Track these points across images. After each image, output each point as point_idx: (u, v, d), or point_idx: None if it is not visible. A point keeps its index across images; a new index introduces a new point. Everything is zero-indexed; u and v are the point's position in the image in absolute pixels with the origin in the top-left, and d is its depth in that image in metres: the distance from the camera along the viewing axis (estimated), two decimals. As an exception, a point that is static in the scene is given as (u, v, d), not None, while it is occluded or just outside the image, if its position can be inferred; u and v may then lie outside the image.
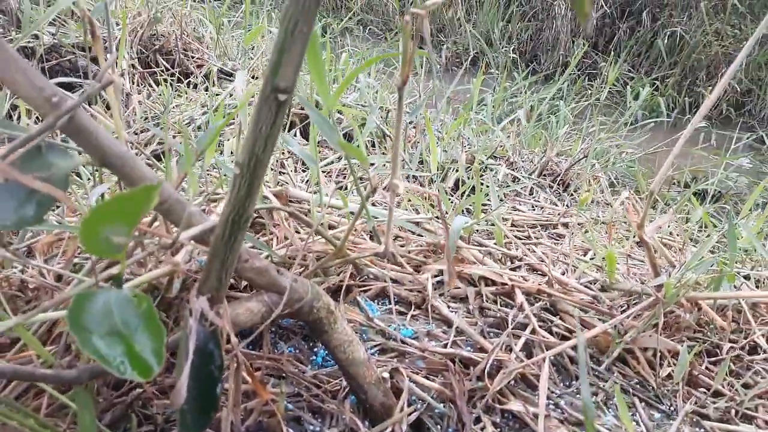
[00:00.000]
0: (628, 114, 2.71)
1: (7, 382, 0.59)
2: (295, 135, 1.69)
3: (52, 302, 0.52)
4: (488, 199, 1.34)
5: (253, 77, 1.99)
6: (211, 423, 0.48)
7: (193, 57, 2.09)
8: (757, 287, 1.14)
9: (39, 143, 0.47)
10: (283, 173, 1.24)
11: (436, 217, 0.99)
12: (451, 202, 1.35)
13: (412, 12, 0.49)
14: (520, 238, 1.17)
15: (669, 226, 1.61)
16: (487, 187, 1.34)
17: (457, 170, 1.62)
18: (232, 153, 1.14)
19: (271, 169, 1.10)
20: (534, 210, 1.64)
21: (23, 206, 0.43)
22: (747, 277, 1.15)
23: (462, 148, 1.80)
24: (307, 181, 1.27)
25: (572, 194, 1.93)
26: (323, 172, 1.45)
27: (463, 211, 1.35)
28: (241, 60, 2.33)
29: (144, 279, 0.56)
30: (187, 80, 2.01)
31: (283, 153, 1.36)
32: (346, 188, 1.37)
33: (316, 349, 0.77)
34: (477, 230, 1.11)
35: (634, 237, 1.36)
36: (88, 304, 0.41)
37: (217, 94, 1.85)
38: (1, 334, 0.59)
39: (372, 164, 0.52)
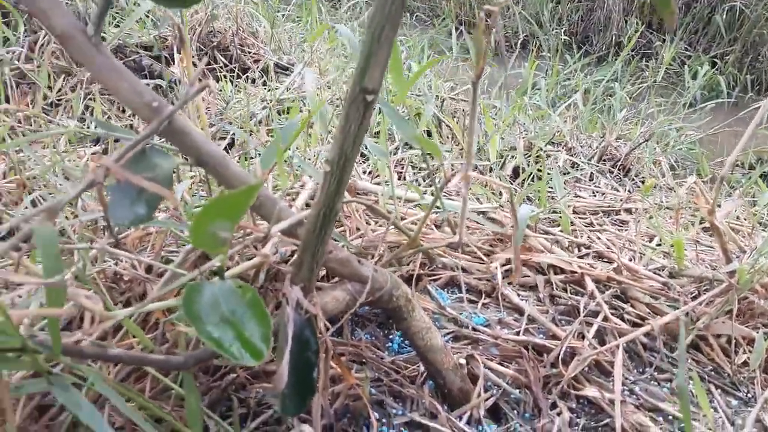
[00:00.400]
0: (687, 95, 2.63)
1: (114, 365, 0.64)
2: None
3: (157, 294, 0.56)
4: (549, 187, 1.34)
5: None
6: (306, 407, 0.51)
7: (249, 52, 2.14)
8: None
9: (143, 146, 0.50)
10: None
11: (500, 206, 1.00)
12: (514, 191, 1.36)
13: (486, 9, 0.51)
14: (585, 226, 1.17)
15: (736, 211, 1.57)
16: (548, 174, 1.34)
17: (514, 157, 1.62)
18: (297, 149, 1.18)
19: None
20: (595, 196, 1.62)
21: (135, 205, 0.47)
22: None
23: (519, 135, 1.79)
24: (369, 172, 1.30)
25: (633, 179, 1.90)
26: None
27: (524, 199, 1.35)
28: (295, 53, 2.37)
29: (238, 270, 0.59)
30: (245, 75, 2.06)
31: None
32: (404, 178, 1.38)
33: (391, 336, 0.79)
34: (541, 218, 1.11)
35: (700, 222, 1.33)
36: (197, 295, 0.44)
37: (275, 89, 1.89)
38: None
39: (445, 157, 0.53)
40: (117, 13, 2.02)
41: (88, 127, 1.65)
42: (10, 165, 1.25)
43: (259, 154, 0.93)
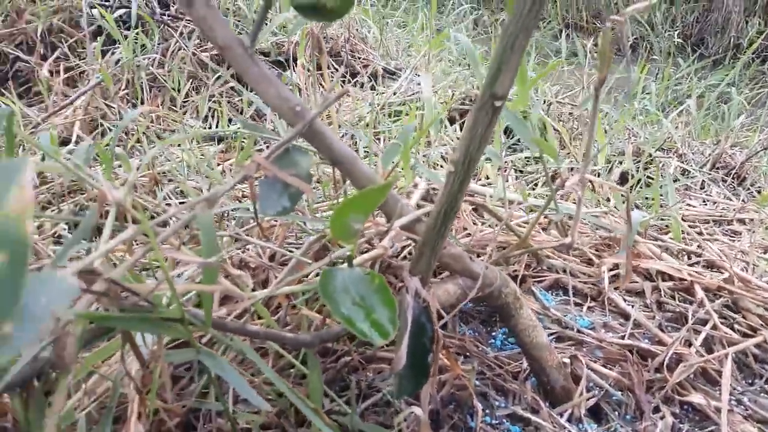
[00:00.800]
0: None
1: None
2: (455, 130, 1.74)
3: (286, 278, 0.62)
4: (659, 194, 1.31)
5: (417, 74, 2.08)
6: (419, 389, 0.55)
7: (359, 57, 2.23)
8: None
9: (287, 146, 0.57)
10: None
11: (609, 212, 1.00)
12: (622, 196, 1.34)
13: (612, 19, 0.53)
14: (697, 234, 1.14)
15: None
16: (659, 180, 1.31)
17: (622, 162, 1.60)
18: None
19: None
20: (706, 205, 1.57)
21: (281, 198, 0.53)
22: None
23: (628, 140, 1.76)
24: (475, 175, 1.33)
25: (749, 189, 1.81)
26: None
27: (633, 205, 1.34)
28: (402, 59, 2.43)
29: (359, 261, 0.65)
30: (354, 80, 2.15)
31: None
32: (507, 181, 1.40)
33: (494, 334, 0.82)
34: (651, 224, 1.10)
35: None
36: (331, 279, 0.49)
37: (382, 93, 1.96)
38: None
39: (561, 159, 0.55)
40: (238, 21, 2.17)
41: (211, 128, 1.79)
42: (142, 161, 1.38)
43: (374, 155, 0.99)
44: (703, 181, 1.76)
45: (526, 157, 1.56)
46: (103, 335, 0.46)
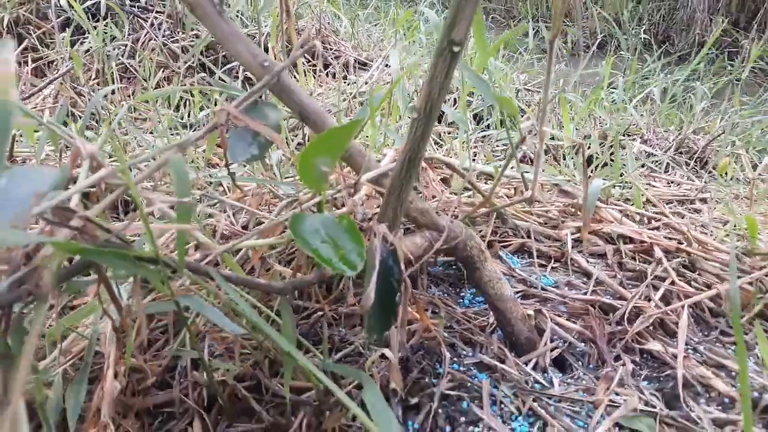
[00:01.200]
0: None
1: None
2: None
3: (257, 231, 0.64)
4: (621, 174, 1.35)
5: (386, 65, 2.11)
6: (388, 329, 0.58)
7: (330, 49, 2.25)
8: None
9: (255, 98, 0.59)
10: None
11: (569, 180, 1.04)
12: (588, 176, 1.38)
13: (563, -26, 0.56)
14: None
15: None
16: (621, 160, 1.35)
17: (589, 147, 1.64)
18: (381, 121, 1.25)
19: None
20: (669, 186, 1.62)
21: (251, 147, 0.55)
22: None
23: (594, 126, 1.81)
24: (446, 153, 1.36)
25: (711, 171, 1.87)
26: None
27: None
28: (373, 50, 2.46)
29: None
30: (326, 71, 2.17)
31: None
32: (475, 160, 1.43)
33: (462, 294, 0.85)
34: (613, 197, 1.13)
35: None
36: (301, 222, 0.52)
37: (354, 82, 1.98)
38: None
39: (522, 113, 0.57)
40: None
41: (183, 118, 1.80)
42: (116, 146, 1.39)
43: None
44: (668, 164, 1.81)
45: (495, 141, 1.60)
46: (78, 272, 0.48)
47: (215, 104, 1.89)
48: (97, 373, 0.71)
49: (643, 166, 1.71)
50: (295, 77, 2.10)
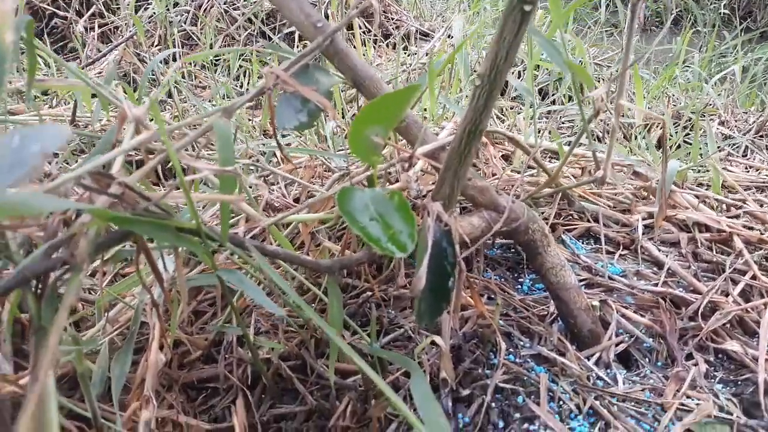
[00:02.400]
0: None
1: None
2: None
3: (306, 204, 0.61)
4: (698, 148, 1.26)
5: (449, 36, 2.04)
6: (440, 315, 0.54)
7: (391, 18, 2.19)
8: None
9: (307, 62, 0.55)
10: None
11: (643, 161, 0.96)
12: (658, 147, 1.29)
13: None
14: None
15: None
16: (696, 138, 1.26)
17: (659, 125, 1.54)
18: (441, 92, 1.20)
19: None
20: (748, 172, 1.50)
21: (299, 114, 0.51)
22: None
23: (667, 104, 1.70)
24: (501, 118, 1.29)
25: (796, 156, 1.74)
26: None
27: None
28: (435, 21, 2.39)
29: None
30: (387, 41, 2.12)
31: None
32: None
33: (521, 280, 0.80)
34: (688, 181, 1.05)
35: None
36: (350, 197, 0.48)
37: (414, 53, 1.92)
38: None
39: (596, 87, 0.52)
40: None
41: (242, 86, 1.79)
42: (175, 114, 1.39)
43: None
44: (747, 147, 1.69)
45: (562, 117, 1.52)
46: (119, 242, 0.46)
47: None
48: (144, 344, 0.70)
49: (720, 149, 1.60)
50: (353, 47, 2.07)
